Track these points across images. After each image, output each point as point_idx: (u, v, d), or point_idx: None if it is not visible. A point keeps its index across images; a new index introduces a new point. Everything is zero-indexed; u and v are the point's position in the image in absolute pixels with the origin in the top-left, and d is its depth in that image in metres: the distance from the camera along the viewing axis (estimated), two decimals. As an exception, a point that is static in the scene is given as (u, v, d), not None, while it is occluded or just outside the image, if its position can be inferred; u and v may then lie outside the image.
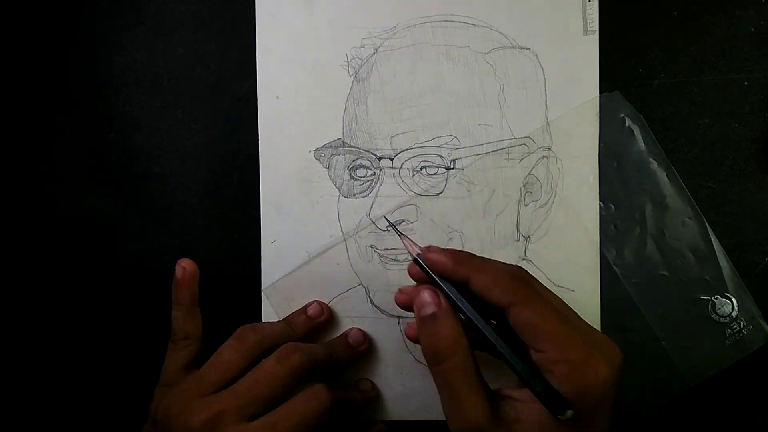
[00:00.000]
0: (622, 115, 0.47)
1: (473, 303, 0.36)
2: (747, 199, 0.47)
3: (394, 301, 0.47)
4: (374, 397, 0.48)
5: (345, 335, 0.47)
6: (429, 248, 0.37)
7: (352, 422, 0.48)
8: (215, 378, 0.40)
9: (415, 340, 0.38)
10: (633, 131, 0.47)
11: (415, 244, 0.39)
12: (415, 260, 0.38)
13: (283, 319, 0.47)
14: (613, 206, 0.47)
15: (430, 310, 0.36)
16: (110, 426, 0.50)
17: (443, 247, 0.38)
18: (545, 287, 0.37)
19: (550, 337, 0.34)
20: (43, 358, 0.50)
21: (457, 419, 0.35)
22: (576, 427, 0.34)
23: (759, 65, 0.47)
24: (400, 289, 0.39)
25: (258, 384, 0.39)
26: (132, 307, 0.49)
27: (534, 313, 0.34)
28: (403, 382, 0.48)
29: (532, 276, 0.38)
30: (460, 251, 0.37)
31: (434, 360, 0.36)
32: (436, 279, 0.37)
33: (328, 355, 0.44)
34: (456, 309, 0.36)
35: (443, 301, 0.36)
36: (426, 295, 0.36)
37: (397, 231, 0.41)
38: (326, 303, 0.48)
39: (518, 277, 0.36)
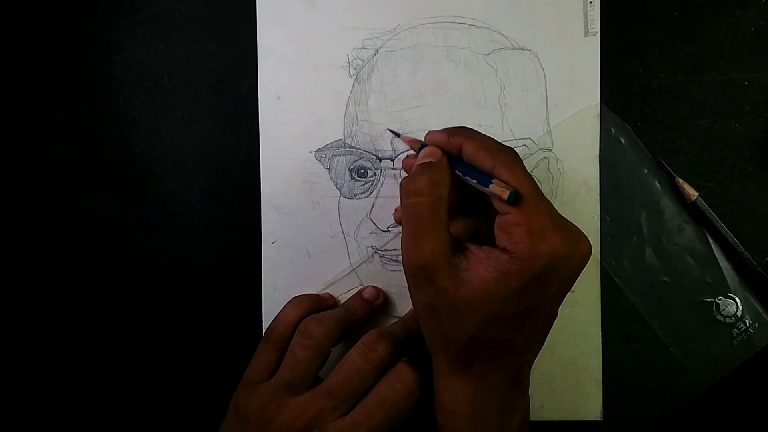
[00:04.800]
0: (608, 127, 0.47)
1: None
2: (747, 199, 0.47)
3: (393, 302, 0.47)
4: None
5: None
6: (429, 132, 0.40)
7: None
8: (297, 380, 0.41)
9: (400, 221, 0.39)
10: (620, 141, 0.47)
11: (415, 138, 0.43)
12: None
13: (341, 306, 0.47)
14: (608, 217, 0.47)
15: (429, 159, 0.38)
16: (109, 426, 0.50)
17: None
18: None
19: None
20: (43, 358, 0.50)
21: (413, 255, 0.36)
22: (521, 295, 0.35)
23: (759, 65, 0.47)
24: (407, 156, 0.43)
25: (349, 381, 0.41)
26: (132, 307, 0.49)
27: (512, 176, 0.36)
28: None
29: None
30: (456, 126, 0.40)
31: (411, 193, 0.36)
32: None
33: (406, 331, 0.44)
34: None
35: (444, 158, 0.38)
36: (431, 149, 0.39)
37: (394, 133, 0.46)
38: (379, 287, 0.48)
39: (506, 147, 0.38)
